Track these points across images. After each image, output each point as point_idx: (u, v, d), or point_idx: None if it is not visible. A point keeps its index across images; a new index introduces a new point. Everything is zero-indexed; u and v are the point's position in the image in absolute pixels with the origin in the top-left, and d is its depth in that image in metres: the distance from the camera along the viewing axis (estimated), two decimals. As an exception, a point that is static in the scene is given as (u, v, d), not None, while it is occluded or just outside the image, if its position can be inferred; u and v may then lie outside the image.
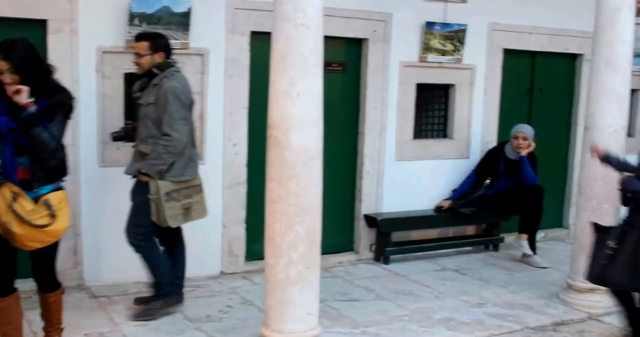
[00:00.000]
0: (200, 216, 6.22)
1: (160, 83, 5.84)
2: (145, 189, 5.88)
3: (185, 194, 5.99)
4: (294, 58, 4.89)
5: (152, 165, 5.81)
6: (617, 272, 5.44)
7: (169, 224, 5.91)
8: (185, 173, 5.98)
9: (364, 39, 8.01)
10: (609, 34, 6.53)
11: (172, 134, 5.76)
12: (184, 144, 5.88)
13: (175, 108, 5.77)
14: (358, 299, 6.92)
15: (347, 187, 8.27)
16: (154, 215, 5.87)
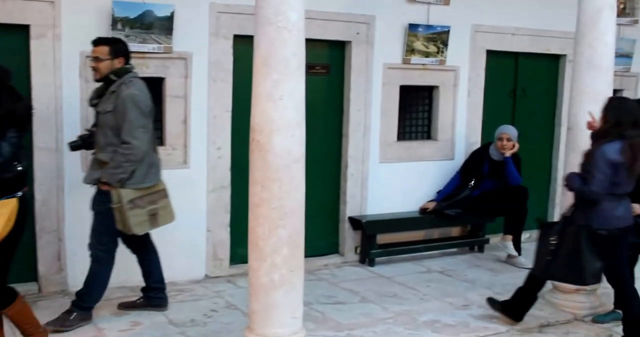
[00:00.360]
0: (168, 221, 6.16)
1: (119, 90, 5.74)
2: (107, 198, 5.78)
3: (150, 201, 5.90)
4: (276, 61, 4.88)
5: (113, 174, 5.72)
6: (559, 267, 5.77)
7: (135, 232, 5.83)
8: (147, 180, 5.89)
9: (347, 42, 8.02)
10: (590, 35, 6.56)
11: (132, 142, 5.67)
12: (144, 152, 5.77)
13: (135, 116, 5.67)
14: (343, 301, 6.91)
15: (331, 189, 8.27)
16: (119, 224, 5.78)
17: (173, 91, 7.09)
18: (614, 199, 5.67)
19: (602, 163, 5.53)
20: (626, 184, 5.68)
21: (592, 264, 5.67)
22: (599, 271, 5.76)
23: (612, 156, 5.53)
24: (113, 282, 6.72)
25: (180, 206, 7.00)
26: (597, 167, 5.54)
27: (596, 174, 5.54)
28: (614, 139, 5.58)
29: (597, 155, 5.58)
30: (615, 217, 5.72)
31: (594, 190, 5.58)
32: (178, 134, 7.15)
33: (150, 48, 6.84)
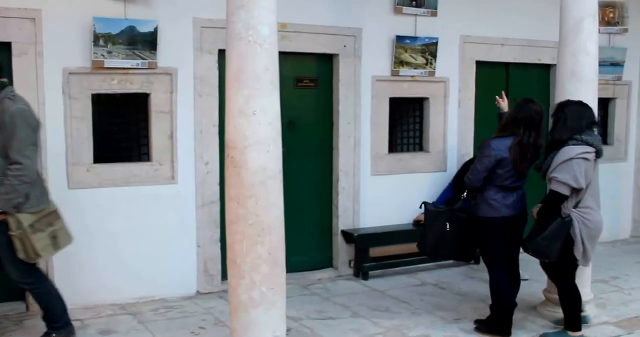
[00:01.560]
0: (67, 242, 5.78)
1: (3, 105, 5.27)
2: (3, 227, 5.33)
3: (47, 223, 5.49)
4: (247, 76, 4.86)
5: (7, 200, 5.26)
6: (447, 248, 6.43)
7: (42, 256, 5.46)
8: (42, 202, 5.51)
9: (334, 54, 8.00)
10: (572, 45, 6.53)
11: (23, 161, 5.21)
12: (36, 172, 5.44)
13: (25, 133, 5.22)
14: (334, 317, 6.85)
15: (324, 203, 8.25)
16: (21, 252, 5.35)
17: (159, 107, 7.07)
18: (501, 191, 6.05)
19: (485, 155, 5.98)
20: (514, 179, 6.05)
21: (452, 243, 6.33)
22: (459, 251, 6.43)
23: (497, 151, 5.94)
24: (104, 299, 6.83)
25: (169, 222, 7.06)
26: (479, 158, 6.05)
27: (477, 164, 6.04)
28: (509, 134, 5.99)
29: (483, 147, 6.04)
30: (501, 207, 6.07)
31: (469, 177, 6.12)
32: (165, 149, 7.13)
33: (134, 64, 6.83)
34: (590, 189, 5.96)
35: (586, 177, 5.85)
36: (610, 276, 8.45)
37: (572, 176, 5.79)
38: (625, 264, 9.08)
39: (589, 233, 5.95)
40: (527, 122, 5.98)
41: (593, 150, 5.90)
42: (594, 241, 6.06)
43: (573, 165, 5.80)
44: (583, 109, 6.08)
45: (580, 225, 5.92)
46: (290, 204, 7.76)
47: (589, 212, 5.96)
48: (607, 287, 7.96)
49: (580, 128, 5.95)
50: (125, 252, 7.03)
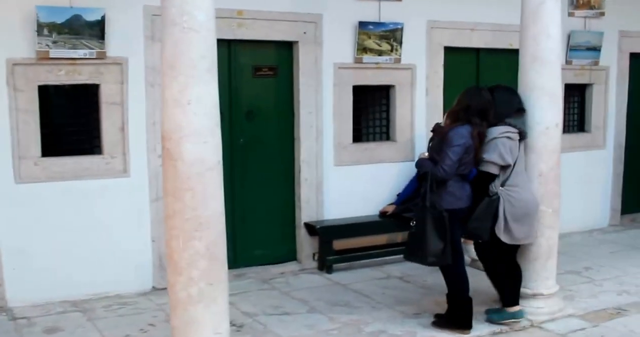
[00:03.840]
0: None
1: None
2: None
3: None
4: (182, 64, 4.63)
5: None
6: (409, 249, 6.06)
7: None
8: None
9: (294, 42, 7.76)
10: (534, 29, 6.29)
11: None
12: None
13: None
14: (290, 312, 6.64)
15: (286, 195, 8.03)
16: None
17: (109, 98, 6.84)
18: (460, 180, 5.92)
19: (456, 144, 5.76)
20: (470, 168, 5.96)
21: (434, 244, 5.81)
22: (440, 252, 5.83)
23: (466, 138, 5.80)
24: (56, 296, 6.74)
25: (123, 216, 6.86)
26: (450, 147, 5.77)
27: (449, 154, 5.76)
28: (464, 123, 5.86)
29: (451, 136, 5.80)
30: (463, 196, 5.97)
31: (445, 169, 5.78)
32: (116, 142, 6.90)
33: (82, 54, 6.59)
34: (517, 166, 6.05)
35: (512, 155, 5.96)
36: (583, 266, 8.26)
37: (498, 155, 5.90)
38: (600, 254, 8.89)
39: (513, 211, 5.98)
40: (480, 110, 5.91)
41: (516, 130, 6.02)
42: (524, 219, 6.08)
43: (498, 144, 5.92)
44: (511, 96, 6.18)
45: (505, 203, 5.97)
46: (250, 197, 7.64)
47: (516, 190, 6.02)
48: (578, 279, 7.76)
49: (508, 114, 6.09)
50: (77, 248, 6.82)
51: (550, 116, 6.32)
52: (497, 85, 6.30)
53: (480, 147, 5.89)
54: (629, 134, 10.42)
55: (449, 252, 5.83)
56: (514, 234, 6.07)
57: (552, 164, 6.37)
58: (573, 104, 10.13)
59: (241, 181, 7.70)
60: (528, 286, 6.49)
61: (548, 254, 6.48)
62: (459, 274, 6.10)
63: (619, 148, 10.35)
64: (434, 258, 5.85)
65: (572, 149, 9.77)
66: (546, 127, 6.29)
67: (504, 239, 6.06)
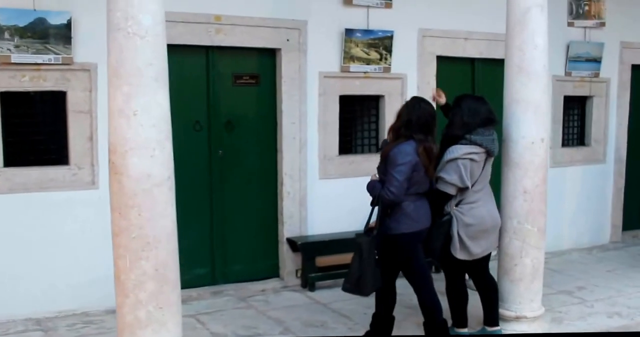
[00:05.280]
0: None
1: None
2: None
3: None
4: (127, 72, 4.37)
5: None
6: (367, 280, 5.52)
7: None
8: None
9: (277, 49, 7.44)
10: (519, 38, 6.01)
11: None
12: None
13: None
14: (262, 334, 6.33)
15: (268, 209, 7.71)
16: None
17: (77, 106, 6.56)
18: (416, 200, 5.57)
19: (401, 163, 5.39)
20: (424, 183, 5.61)
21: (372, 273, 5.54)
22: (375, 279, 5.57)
23: (412, 156, 5.42)
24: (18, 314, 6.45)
25: (90, 230, 6.58)
26: (395, 167, 5.40)
27: (394, 174, 5.39)
28: (407, 139, 5.48)
29: (395, 155, 5.43)
30: (421, 218, 5.63)
31: (392, 191, 5.40)
32: (84, 152, 6.61)
33: (47, 59, 6.32)
34: (477, 186, 5.80)
35: (472, 177, 5.70)
36: (577, 286, 7.90)
37: (458, 177, 5.67)
38: (597, 273, 8.52)
39: (467, 230, 5.77)
40: (423, 124, 5.57)
41: (482, 150, 5.74)
42: (480, 235, 5.86)
43: (459, 165, 5.67)
44: (479, 105, 5.88)
45: (458, 223, 5.76)
46: (230, 211, 7.35)
47: (471, 207, 5.79)
48: (570, 299, 7.41)
49: (474, 124, 5.78)
50: (42, 263, 6.54)
51: (535, 130, 5.99)
52: (465, 95, 6.08)
53: (431, 164, 5.56)
54: (630, 147, 10.07)
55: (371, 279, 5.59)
56: (472, 251, 5.84)
57: (538, 180, 6.02)
58: (572, 117, 9.78)
59: (220, 194, 7.39)
60: (511, 308, 6.18)
61: (533, 275, 6.15)
62: (432, 299, 5.84)
63: (620, 162, 9.99)
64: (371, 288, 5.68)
65: (571, 163, 9.48)
66: (531, 142, 5.97)
67: (460, 257, 5.84)
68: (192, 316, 6.69)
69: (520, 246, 6.06)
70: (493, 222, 5.93)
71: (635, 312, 7.05)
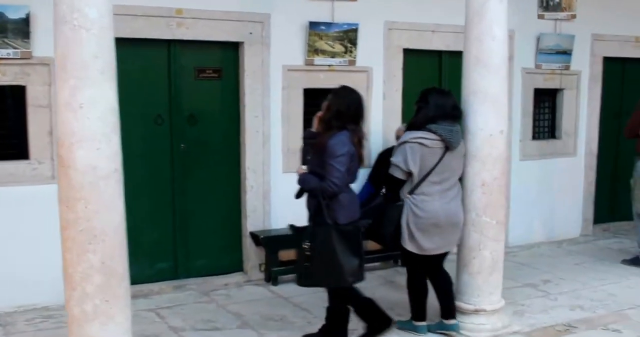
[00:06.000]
0: None
1: None
2: None
3: None
4: (73, 65, 4.31)
5: None
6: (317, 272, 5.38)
7: None
8: None
9: (240, 42, 7.40)
10: (477, 29, 5.97)
11: None
12: None
13: None
14: (220, 327, 6.32)
15: (231, 203, 7.69)
16: None
17: (36, 100, 6.52)
18: (350, 190, 5.52)
19: (341, 154, 5.28)
20: (356, 173, 5.59)
21: (348, 263, 5.36)
22: (357, 268, 5.43)
23: (347, 145, 5.34)
24: None
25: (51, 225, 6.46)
26: (335, 158, 5.28)
27: (335, 165, 5.27)
28: (340, 129, 5.37)
29: (333, 146, 5.30)
30: (356, 208, 5.58)
31: (335, 182, 5.29)
32: (44, 146, 6.58)
33: (5, 53, 6.29)
34: (434, 177, 5.77)
35: (423, 163, 5.70)
36: (543, 279, 7.91)
37: (403, 159, 5.71)
38: (564, 266, 8.53)
39: (417, 221, 5.76)
40: (354, 113, 5.54)
41: (436, 138, 5.71)
42: (431, 230, 5.81)
43: (406, 149, 5.72)
44: (445, 99, 5.86)
45: (408, 211, 5.77)
46: (192, 205, 7.33)
47: (425, 199, 5.77)
48: (534, 292, 7.42)
49: (438, 118, 5.77)
50: (2, 258, 6.53)
51: (494, 122, 5.98)
52: (431, 89, 6.06)
53: (363, 154, 5.57)
54: (602, 140, 10.06)
55: (363, 267, 5.51)
56: (421, 245, 5.81)
57: (497, 173, 6.01)
58: (543, 110, 9.76)
59: (182, 188, 7.37)
60: (470, 301, 6.18)
61: (492, 268, 6.15)
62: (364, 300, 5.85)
63: (591, 155, 10.00)
64: (352, 277, 5.44)
65: (541, 156, 9.49)
66: (490, 134, 5.96)
67: (409, 249, 5.83)
68: (152, 310, 6.69)
69: (479, 238, 6.05)
70: (448, 219, 5.86)
71: (598, 305, 7.07)
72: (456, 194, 5.99)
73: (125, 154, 6.30)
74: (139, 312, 6.58)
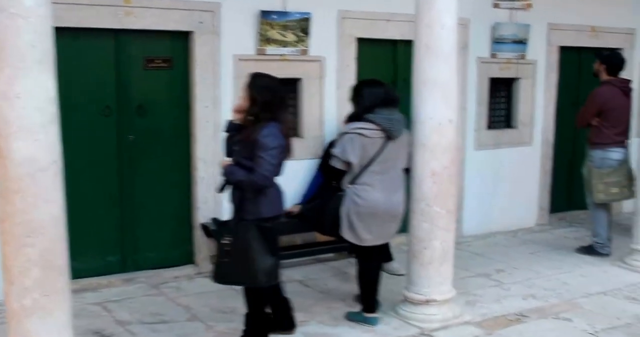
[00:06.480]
0: None
1: None
2: None
3: None
4: (9, 54, 4.20)
5: None
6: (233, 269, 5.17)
7: None
8: None
9: (190, 32, 7.28)
10: (427, 16, 5.92)
11: None
12: None
13: None
14: (168, 320, 6.24)
15: (182, 194, 7.58)
16: None
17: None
18: (277, 184, 5.34)
19: (273, 147, 5.08)
20: (282, 166, 5.32)
21: (263, 262, 5.14)
22: (272, 268, 5.22)
23: (279, 138, 5.15)
24: None
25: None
26: (267, 151, 5.06)
27: (267, 158, 5.05)
28: (268, 121, 5.14)
29: (265, 139, 5.06)
30: (280, 202, 5.44)
31: (266, 175, 5.11)
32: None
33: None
34: (375, 166, 5.83)
35: (363, 153, 5.76)
36: (496, 268, 7.92)
37: (342, 150, 5.78)
38: (519, 255, 8.54)
39: (358, 210, 5.81)
40: (280, 103, 5.36)
41: (376, 128, 5.77)
42: (371, 220, 5.87)
43: (346, 139, 5.79)
44: (375, 88, 5.97)
45: (349, 201, 5.82)
46: (141, 197, 7.22)
47: (365, 189, 5.82)
48: (487, 282, 7.42)
49: (374, 106, 5.86)
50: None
51: (443, 111, 5.95)
52: (360, 82, 6.33)
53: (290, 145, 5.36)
54: (558, 130, 10.07)
55: (279, 267, 5.34)
56: (360, 235, 5.85)
57: (446, 162, 5.98)
58: (499, 99, 9.75)
59: (130, 180, 7.24)
60: (421, 291, 6.16)
61: (443, 258, 6.13)
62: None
63: (547, 144, 10.00)
64: (265, 277, 5.19)
65: (497, 146, 9.48)
66: (439, 123, 5.92)
67: (348, 239, 5.87)
68: (99, 303, 6.59)
69: (429, 228, 6.03)
70: (387, 211, 5.88)
71: (551, 294, 7.09)
72: (399, 185, 6.02)
73: (71, 146, 6.27)
74: (86, 306, 6.49)
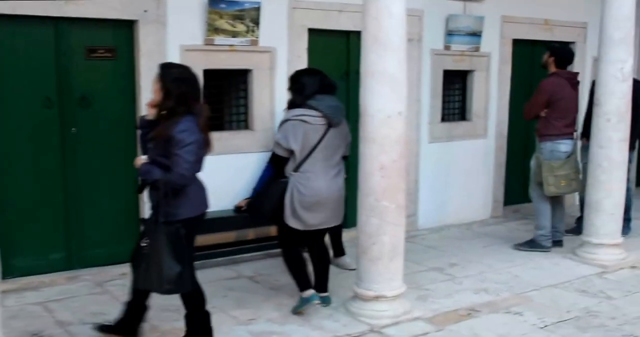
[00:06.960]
0: None
1: None
2: None
3: None
4: None
5: None
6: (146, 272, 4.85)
7: None
8: None
9: (134, 21, 7.06)
10: (374, 7, 5.74)
11: None
12: None
13: None
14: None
15: (129, 189, 7.31)
16: None
17: None
18: (197, 180, 5.02)
19: (191, 142, 4.74)
20: (202, 162, 4.99)
21: (169, 269, 4.74)
22: (177, 277, 4.77)
23: (196, 133, 4.80)
24: None
25: None
26: (183, 148, 4.72)
27: (184, 155, 4.71)
28: (183, 115, 4.80)
29: (181, 134, 4.72)
30: (203, 200, 5.14)
31: (184, 174, 4.78)
32: None
33: None
34: (317, 154, 5.90)
35: (305, 140, 5.83)
36: (450, 262, 7.81)
37: (283, 136, 5.83)
38: (472, 248, 8.46)
39: (301, 199, 5.86)
40: (196, 94, 5.01)
41: (318, 114, 5.86)
42: (315, 207, 5.94)
43: (287, 126, 5.85)
44: (312, 76, 6.12)
45: (293, 189, 5.87)
46: (86, 192, 7.02)
47: (308, 177, 5.88)
48: (439, 276, 7.32)
49: (313, 93, 5.97)
50: None
51: (392, 104, 5.79)
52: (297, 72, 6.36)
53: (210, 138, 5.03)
54: (512, 122, 10.00)
55: (188, 276, 4.87)
56: (305, 221, 5.88)
57: (395, 156, 5.83)
58: (453, 92, 9.65)
59: (74, 174, 7.02)
60: (371, 287, 6.02)
61: (393, 253, 5.99)
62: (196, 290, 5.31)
63: (501, 137, 9.94)
64: (170, 285, 4.78)
65: (451, 139, 9.39)
66: (387, 116, 5.77)
67: (293, 226, 5.87)
68: (40, 303, 6.37)
69: (378, 223, 5.88)
70: (330, 196, 5.95)
71: (503, 288, 7.00)
72: (339, 172, 6.07)
73: (11, 139, 6.08)
74: (25, 306, 6.27)
